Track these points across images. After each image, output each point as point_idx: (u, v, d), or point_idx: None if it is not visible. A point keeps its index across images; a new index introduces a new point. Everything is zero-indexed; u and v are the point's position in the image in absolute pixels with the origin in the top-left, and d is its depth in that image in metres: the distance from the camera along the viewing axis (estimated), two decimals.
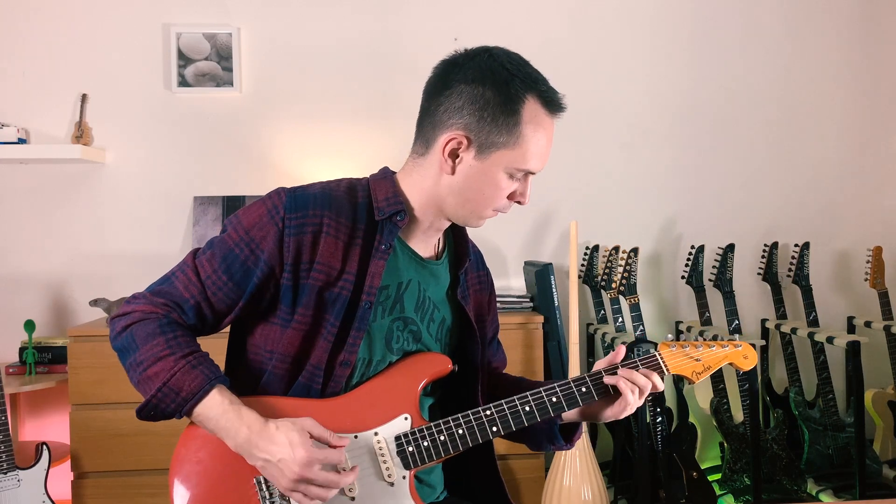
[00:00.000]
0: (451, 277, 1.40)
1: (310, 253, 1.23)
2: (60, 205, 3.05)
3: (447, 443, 1.25)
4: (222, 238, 1.26)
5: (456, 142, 1.24)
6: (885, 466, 2.95)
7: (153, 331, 1.20)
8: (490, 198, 1.28)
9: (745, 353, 1.41)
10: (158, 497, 2.55)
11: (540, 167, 1.28)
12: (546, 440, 1.40)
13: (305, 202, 1.25)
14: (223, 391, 1.20)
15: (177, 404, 1.18)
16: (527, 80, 1.24)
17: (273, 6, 3.12)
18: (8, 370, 2.81)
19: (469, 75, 1.23)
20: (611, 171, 3.24)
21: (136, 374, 1.20)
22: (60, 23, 3.04)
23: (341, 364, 1.25)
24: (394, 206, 1.28)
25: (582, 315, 3.15)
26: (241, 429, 1.17)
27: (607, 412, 1.32)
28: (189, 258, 1.27)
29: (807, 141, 3.32)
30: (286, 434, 1.16)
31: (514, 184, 1.28)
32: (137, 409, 1.20)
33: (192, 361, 1.19)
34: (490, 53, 1.25)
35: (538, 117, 1.24)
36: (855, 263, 3.33)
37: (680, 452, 2.77)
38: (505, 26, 3.17)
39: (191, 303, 1.24)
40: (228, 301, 1.25)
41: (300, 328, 1.24)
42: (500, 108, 1.22)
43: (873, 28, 3.35)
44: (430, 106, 1.28)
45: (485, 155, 1.24)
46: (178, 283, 1.25)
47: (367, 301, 1.25)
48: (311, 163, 3.12)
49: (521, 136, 1.23)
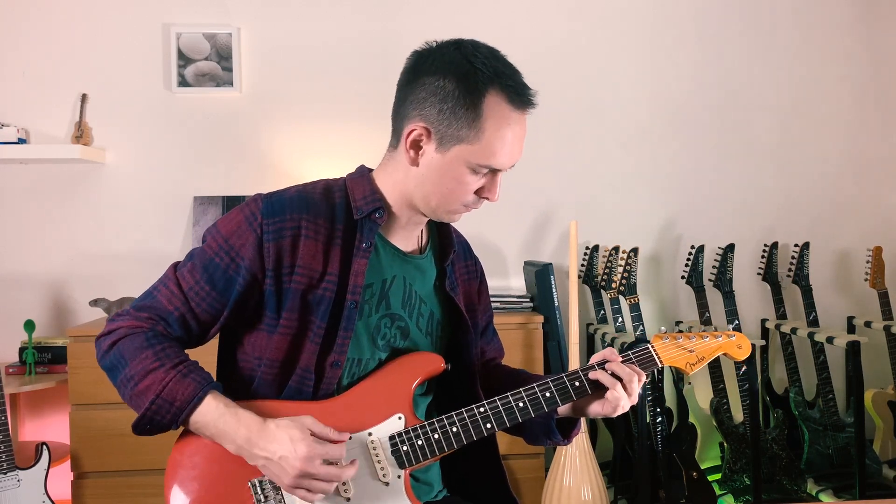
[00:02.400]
0: (437, 270, 1.39)
1: (290, 257, 1.23)
2: (60, 205, 3.06)
3: (441, 441, 1.25)
4: (202, 249, 1.26)
5: (417, 133, 1.23)
6: (885, 466, 2.95)
7: (140, 344, 1.20)
8: (453, 192, 1.25)
9: (738, 343, 1.40)
10: (158, 497, 2.53)
11: (506, 164, 1.25)
12: (543, 435, 1.38)
13: (282, 207, 1.24)
14: (217, 396, 1.20)
15: (172, 415, 1.18)
16: (491, 73, 1.21)
17: (273, 6, 3.13)
18: (8, 370, 2.81)
19: (434, 67, 1.22)
20: (611, 171, 3.24)
21: (127, 389, 1.19)
22: (60, 23, 3.05)
23: (332, 365, 1.25)
24: (371, 204, 1.28)
25: (582, 315, 3.15)
26: (240, 430, 1.17)
27: (599, 408, 1.31)
28: (170, 271, 1.27)
29: (807, 141, 3.32)
30: (286, 431, 1.16)
31: (478, 179, 1.25)
32: (133, 424, 1.19)
33: (182, 370, 1.19)
34: (458, 46, 1.23)
35: (501, 112, 1.21)
36: (855, 263, 3.32)
37: (680, 452, 2.77)
38: (505, 26, 3.17)
39: (175, 315, 1.24)
40: (212, 311, 1.25)
41: (287, 332, 1.24)
42: (460, 102, 1.20)
43: (874, 28, 3.34)
44: (399, 98, 1.28)
45: (445, 148, 1.23)
46: (160, 296, 1.25)
47: (353, 301, 1.25)
48: (311, 163, 3.12)
49: (481, 130, 1.20)
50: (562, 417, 1.39)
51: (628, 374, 1.29)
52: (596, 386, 1.30)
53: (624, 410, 1.30)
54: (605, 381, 1.28)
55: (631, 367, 1.30)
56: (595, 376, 1.29)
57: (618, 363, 1.30)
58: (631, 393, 1.29)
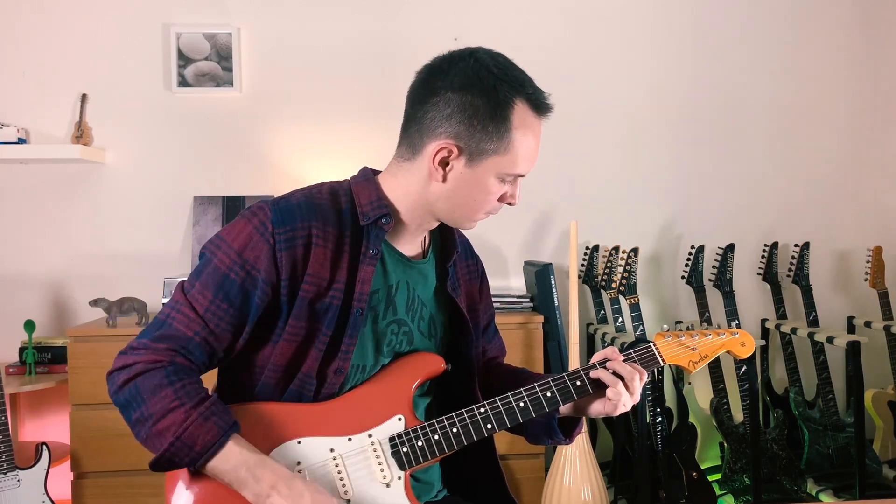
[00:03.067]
0: (439, 271, 1.39)
1: (302, 266, 1.21)
2: (60, 205, 3.05)
3: (441, 442, 1.25)
4: (214, 266, 1.21)
5: (446, 150, 1.23)
6: (885, 466, 2.95)
7: (160, 382, 1.15)
8: (482, 202, 1.27)
9: (742, 341, 1.38)
10: (158, 497, 2.55)
11: (529, 169, 1.27)
12: (545, 434, 1.38)
13: (292, 215, 1.22)
14: (239, 441, 1.16)
15: (191, 458, 1.14)
16: (514, 83, 1.22)
17: (273, 6, 3.13)
18: (8, 370, 2.81)
19: (456, 82, 1.21)
20: (611, 171, 3.24)
21: (144, 429, 1.15)
22: (60, 23, 3.05)
23: (335, 372, 1.24)
24: (378, 211, 1.27)
25: (582, 315, 3.15)
26: (265, 477, 1.14)
27: (601, 407, 1.31)
28: (179, 296, 1.22)
29: (807, 141, 3.32)
30: (312, 493, 1.14)
31: (504, 187, 1.27)
32: (151, 462, 1.15)
33: (203, 413, 1.14)
34: (475, 58, 1.22)
35: (527, 121, 1.23)
36: (855, 263, 3.32)
37: (680, 452, 2.77)
38: (505, 26, 3.17)
39: (196, 340, 1.19)
40: (233, 329, 1.21)
41: (293, 339, 1.23)
42: (489, 116, 1.20)
43: (874, 28, 3.34)
44: (415, 112, 1.26)
45: (476, 163, 1.23)
46: (177, 324, 1.19)
47: (359, 308, 1.24)
48: (311, 163, 3.12)
49: (511, 141, 1.22)
50: (563, 417, 1.38)
51: (630, 372, 1.28)
52: (597, 385, 1.30)
53: (626, 409, 1.29)
54: (607, 379, 1.28)
55: (632, 366, 1.30)
56: (596, 375, 1.29)
57: (619, 361, 1.30)
58: (633, 392, 1.28)
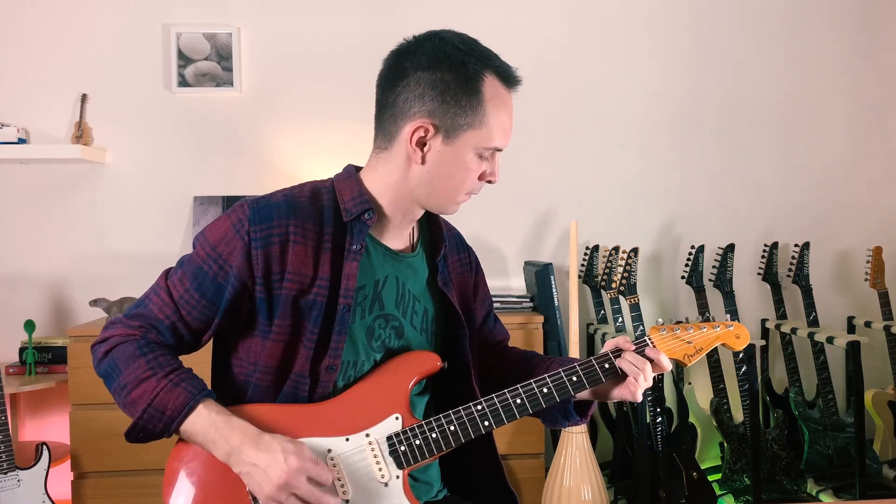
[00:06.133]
0: (430, 266, 1.39)
1: (279, 263, 1.23)
2: (60, 205, 3.06)
3: (439, 440, 1.25)
4: (191, 256, 1.26)
5: (423, 130, 1.24)
6: (885, 466, 2.94)
7: (133, 353, 1.20)
8: (462, 181, 1.28)
9: (737, 333, 1.38)
10: (158, 497, 2.53)
11: (506, 143, 1.28)
12: (561, 417, 1.40)
13: (269, 213, 1.24)
14: (209, 404, 1.19)
15: (163, 424, 1.18)
16: (481, 57, 1.24)
17: (273, 6, 3.13)
18: (8, 370, 2.81)
19: (424, 61, 1.23)
20: (611, 171, 3.24)
21: (121, 398, 1.21)
22: (60, 23, 3.05)
23: (327, 369, 1.25)
24: (361, 206, 1.28)
25: (582, 315, 3.15)
26: (233, 436, 1.16)
27: (615, 392, 1.32)
28: (161, 279, 1.27)
29: (807, 141, 3.32)
30: (280, 443, 1.15)
31: (483, 163, 1.28)
32: (125, 432, 1.20)
33: (173, 380, 1.19)
34: (440, 37, 1.25)
35: (498, 93, 1.25)
36: (855, 263, 3.32)
37: (680, 452, 2.76)
38: (505, 26, 3.17)
39: (166, 323, 1.24)
40: (203, 319, 1.25)
41: (280, 339, 1.24)
42: (461, 90, 1.23)
43: (873, 28, 3.34)
44: (387, 98, 1.27)
45: (452, 139, 1.24)
46: (152, 305, 1.25)
47: (345, 304, 1.25)
48: (311, 163, 3.12)
49: (485, 114, 1.24)
50: (578, 400, 1.40)
51: (642, 362, 1.30)
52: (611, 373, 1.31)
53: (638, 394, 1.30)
54: (628, 368, 1.29)
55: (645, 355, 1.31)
56: (619, 364, 1.30)
57: (635, 354, 1.31)
58: (647, 378, 1.30)
